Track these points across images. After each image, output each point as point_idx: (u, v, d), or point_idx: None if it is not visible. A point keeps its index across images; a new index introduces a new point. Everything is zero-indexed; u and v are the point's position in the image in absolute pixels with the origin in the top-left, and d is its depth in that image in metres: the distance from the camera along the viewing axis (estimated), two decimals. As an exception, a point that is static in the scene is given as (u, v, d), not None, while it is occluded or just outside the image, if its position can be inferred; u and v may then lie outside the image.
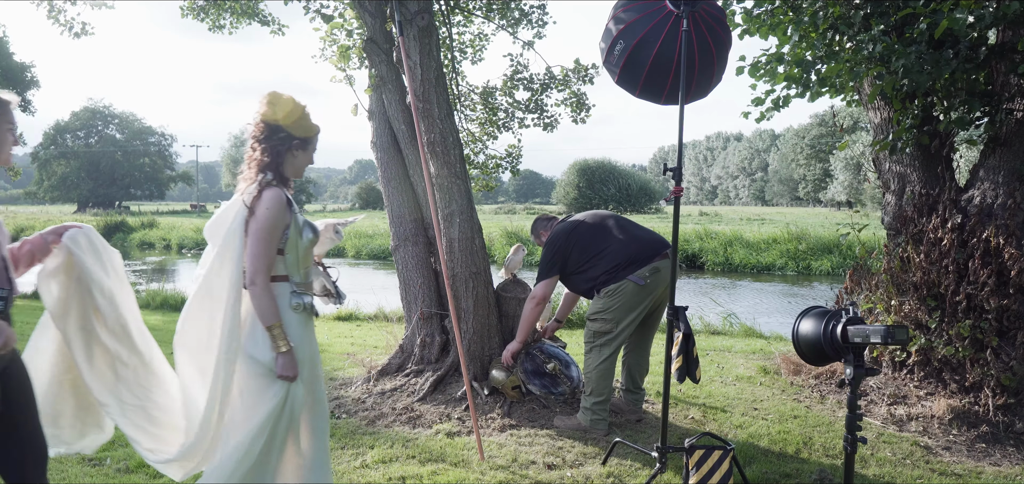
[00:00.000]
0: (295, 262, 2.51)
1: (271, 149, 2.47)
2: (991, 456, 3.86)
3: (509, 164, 8.14)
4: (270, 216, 2.37)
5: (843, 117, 36.70)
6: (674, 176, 3.42)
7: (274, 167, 2.47)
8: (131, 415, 2.49)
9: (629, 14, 3.33)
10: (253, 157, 2.49)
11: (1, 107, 2.17)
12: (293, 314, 2.46)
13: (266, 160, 2.47)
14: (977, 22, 3.82)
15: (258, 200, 2.40)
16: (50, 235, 2.45)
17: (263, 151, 2.47)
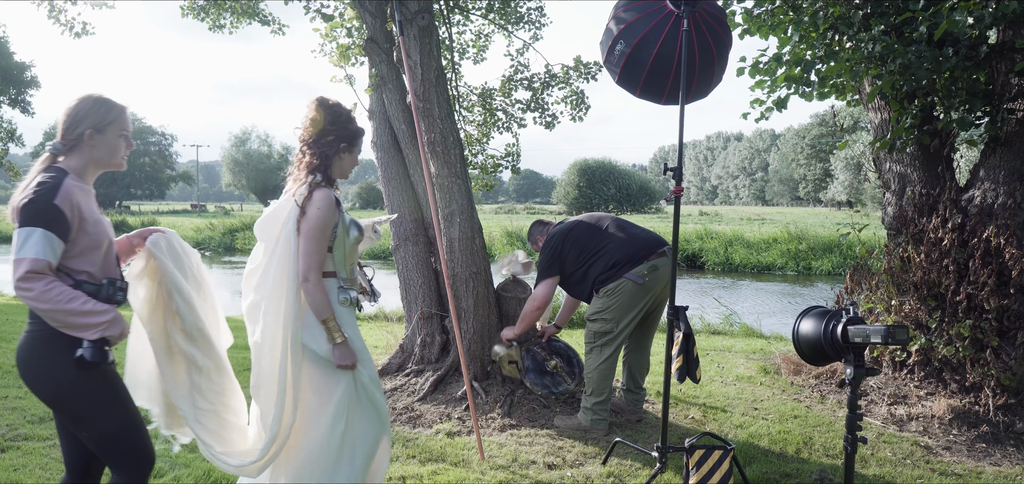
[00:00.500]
0: (342, 259, 2.63)
1: (320, 152, 2.58)
2: (991, 456, 3.85)
3: (508, 163, 8.15)
4: (321, 215, 2.48)
5: (843, 117, 36.69)
6: (674, 176, 3.42)
7: (323, 168, 2.58)
8: (204, 420, 2.52)
9: (629, 14, 3.33)
10: (303, 160, 2.59)
11: (117, 112, 2.22)
12: (342, 308, 2.58)
13: (315, 162, 2.58)
14: (977, 22, 3.81)
15: (309, 200, 2.50)
16: (136, 238, 2.51)
17: (312, 154, 2.58)
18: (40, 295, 1.98)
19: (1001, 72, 4.33)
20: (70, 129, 2.15)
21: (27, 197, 2.01)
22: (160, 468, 3.59)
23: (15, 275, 1.97)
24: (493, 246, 20.19)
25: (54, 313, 2.01)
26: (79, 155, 2.18)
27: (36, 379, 2.09)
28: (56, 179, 2.07)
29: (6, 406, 4.54)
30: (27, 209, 2.00)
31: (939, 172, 4.70)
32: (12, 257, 2.00)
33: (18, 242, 1.99)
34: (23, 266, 1.96)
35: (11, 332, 7.37)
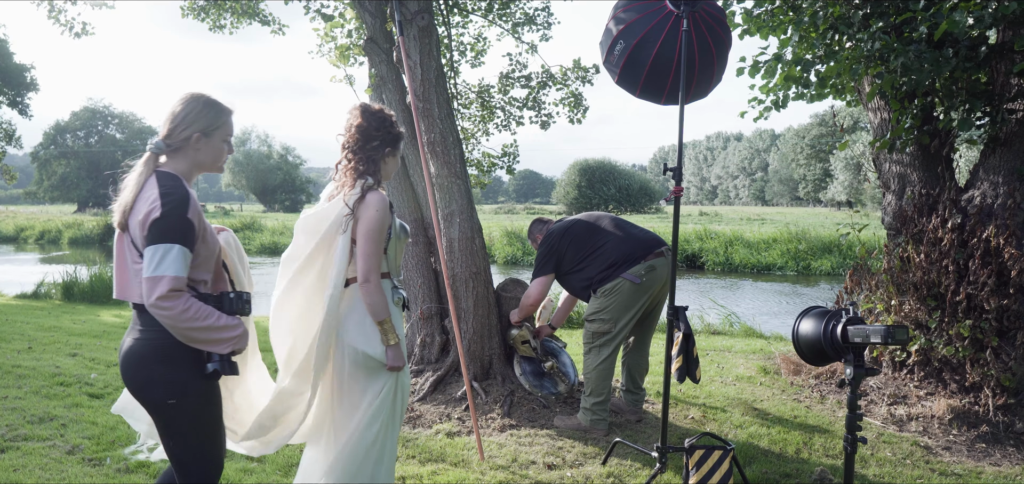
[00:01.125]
0: (393, 260, 2.71)
1: (366, 157, 2.64)
2: (991, 456, 3.85)
3: (505, 163, 8.15)
4: (379, 218, 2.53)
5: (843, 117, 36.69)
6: (674, 176, 3.42)
7: (373, 172, 2.63)
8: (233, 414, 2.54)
9: (629, 14, 3.33)
10: (350, 166, 2.63)
11: (225, 116, 2.21)
12: (394, 308, 2.65)
13: (362, 167, 2.62)
14: (977, 23, 3.81)
15: (362, 203, 2.54)
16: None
17: (358, 159, 2.63)
18: (180, 314, 1.97)
19: (1001, 72, 4.33)
20: (177, 130, 2.12)
21: (157, 211, 1.97)
22: (160, 469, 3.59)
23: (153, 293, 1.94)
24: (493, 246, 20.19)
25: (189, 330, 2.01)
26: (184, 157, 2.15)
27: (151, 386, 2.06)
28: (181, 190, 2.05)
29: (6, 406, 4.53)
30: (161, 224, 1.97)
31: (939, 172, 4.70)
32: (146, 274, 1.96)
33: (154, 259, 1.95)
34: (164, 285, 1.94)
35: (11, 332, 7.37)
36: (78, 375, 5.43)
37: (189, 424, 2.11)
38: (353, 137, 2.65)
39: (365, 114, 2.65)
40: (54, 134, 66.40)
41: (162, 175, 2.07)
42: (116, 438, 4.00)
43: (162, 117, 2.15)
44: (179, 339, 2.03)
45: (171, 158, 2.14)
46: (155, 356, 2.05)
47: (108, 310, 9.90)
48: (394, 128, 2.70)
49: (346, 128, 2.68)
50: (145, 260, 1.97)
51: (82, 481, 3.44)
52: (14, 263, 23.21)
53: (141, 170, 2.08)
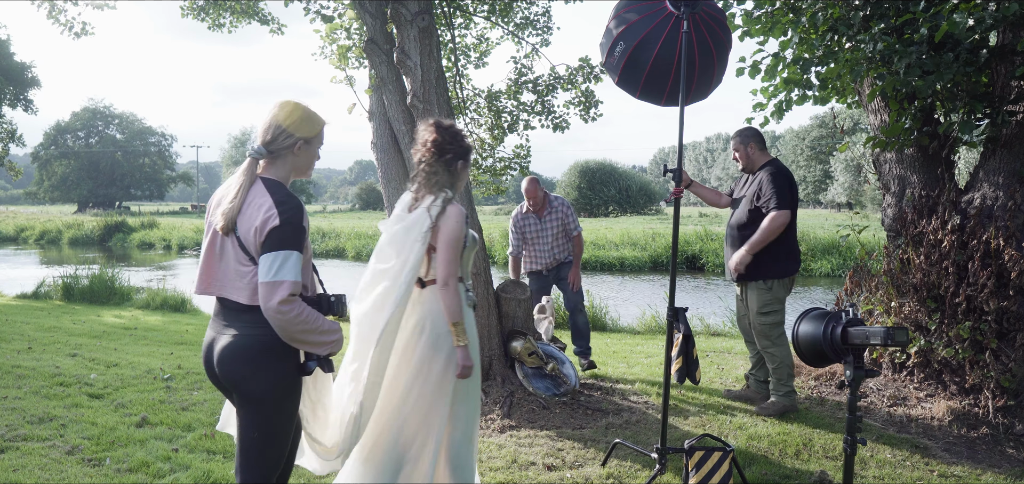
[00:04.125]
0: (465, 266, 2.91)
1: (444, 168, 2.81)
2: (991, 458, 3.85)
3: (518, 165, 8.11)
4: (458, 228, 2.73)
5: (843, 119, 36.67)
6: (674, 177, 3.42)
7: (450, 185, 2.82)
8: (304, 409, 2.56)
9: (630, 15, 3.33)
10: (427, 179, 2.81)
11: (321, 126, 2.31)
12: (467, 309, 2.83)
13: (442, 180, 2.80)
14: (977, 24, 3.81)
15: (443, 215, 2.72)
16: None
17: (434, 172, 2.80)
18: (295, 318, 2.07)
19: (1001, 74, 4.33)
20: (280, 137, 2.19)
21: (276, 219, 2.06)
22: (160, 469, 3.59)
23: (273, 298, 2.02)
24: (493, 247, 20.19)
25: (299, 333, 2.10)
26: (283, 163, 2.22)
27: (253, 379, 2.13)
28: (294, 199, 2.15)
29: (6, 406, 4.53)
30: (281, 233, 2.06)
31: (939, 174, 4.70)
32: (264, 279, 2.03)
33: (274, 265, 2.03)
34: (284, 289, 2.03)
35: (11, 332, 7.37)
36: (78, 375, 5.43)
37: (273, 419, 2.17)
38: (429, 151, 2.81)
39: (439, 129, 2.82)
40: (54, 134, 66.41)
41: (270, 183, 2.16)
42: (116, 438, 4.00)
43: (260, 124, 2.23)
44: (284, 340, 2.12)
45: (270, 164, 2.21)
46: (259, 354, 2.13)
47: (108, 310, 9.90)
48: (465, 141, 2.87)
49: (421, 143, 2.84)
50: (263, 266, 2.05)
51: (82, 481, 3.44)
52: (14, 263, 23.21)
53: (242, 177, 2.16)
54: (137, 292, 11.38)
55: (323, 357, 2.21)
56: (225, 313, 2.19)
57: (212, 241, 2.18)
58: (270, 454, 2.20)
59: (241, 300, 2.13)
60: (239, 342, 2.13)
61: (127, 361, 6.07)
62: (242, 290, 2.12)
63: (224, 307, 2.19)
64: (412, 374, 2.76)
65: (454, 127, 2.85)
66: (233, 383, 2.15)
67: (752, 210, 4.42)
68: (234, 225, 2.12)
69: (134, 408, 4.62)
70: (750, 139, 4.58)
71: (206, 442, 3.96)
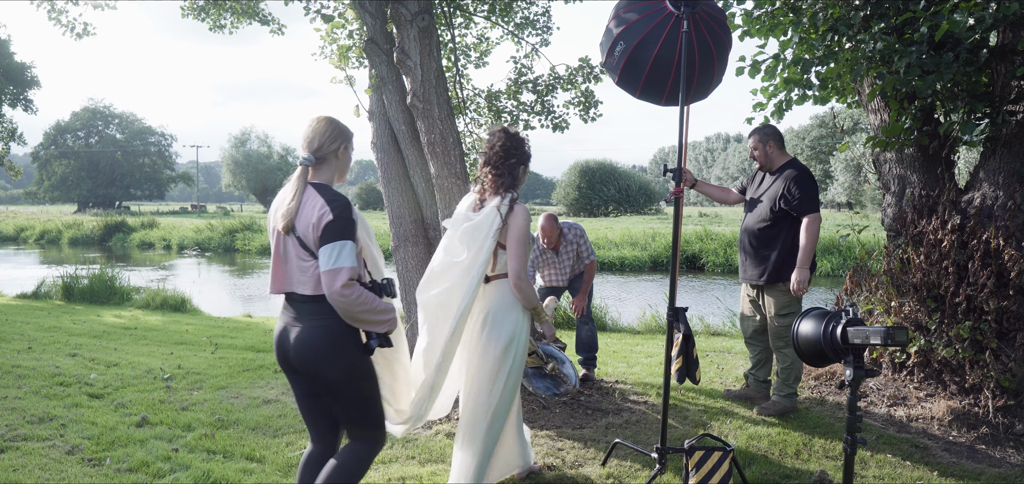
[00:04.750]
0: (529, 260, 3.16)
1: (509, 172, 3.07)
2: (991, 457, 3.85)
3: None
4: (526, 225, 3.00)
5: (843, 118, 36.65)
6: (674, 177, 3.42)
7: (514, 186, 3.08)
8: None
9: (630, 15, 3.33)
10: (492, 180, 3.08)
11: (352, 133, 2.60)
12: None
13: (507, 181, 3.07)
14: (977, 24, 3.81)
15: (512, 214, 2.99)
16: None
17: (500, 174, 3.07)
18: (355, 300, 2.34)
19: (1001, 74, 4.33)
20: (325, 145, 2.50)
21: (329, 215, 2.34)
22: (160, 469, 3.59)
23: (335, 283, 2.29)
24: (493, 247, 20.16)
25: (360, 313, 2.38)
26: (328, 168, 2.52)
27: (330, 363, 2.41)
28: (342, 195, 2.43)
29: (5, 406, 4.53)
30: (335, 226, 2.33)
31: (938, 173, 4.70)
32: (325, 268, 2.30)
33: (332, 255, 2.31)
34: (343, 275, 2.30)
35: (10, 332, 7.37)
36: (78, 375, 5.43)
37: (359, 391, 2.50)
38: (497, 154, 3.08)
39: (507, 135, 3.10)
40: (54, 134, 66.39)
41: (319, 186, 2.46)
42: (116, 438, 4.01)
43: (301, 137, 2.53)
44: (347, 322, 2.41)
45: (317, 170, 2.51)
46: (330, 340, 2.41)
47: (108, 310, 9.90)
48: (527, 147, 3.15)
49: (489, 147, 3.11)
50: (323, 257, 2.32)
51: (82, 481, 3.44)
52: (14, 263, 23.21)
53: (297, 182, 2.44)
54: (137, 292, 11.38)
55: (382, 335, 2.49)
56: (293, 307, 2.47)
57: (277, 245, 2.46)
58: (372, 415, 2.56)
59: (306, 292, 2.41)
60: (310, 334, 2.40)
61: (127, 361, 6.07)
62: (305, 283, 2.40)
63: (291, 301, 2.47)
64: (478, 360, 3.07)
65: (519, 135, 3.13)
66: (313, 373, 2.44)
67: (777, 212, 4.35)
68: (293, 225, 2.40)
69: (134, 408, 4.62)
70: (769, 137, 4.51)
71: (206, 442, 3.96)
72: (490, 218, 2.99)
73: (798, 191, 4.25)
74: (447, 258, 3.10)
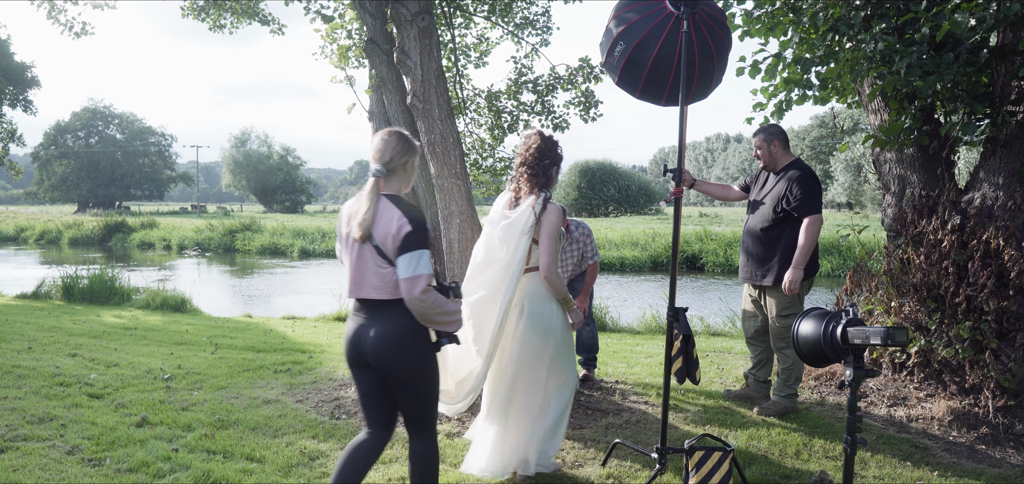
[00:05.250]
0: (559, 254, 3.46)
1: (543, 172, 3.31)
2: (991, 458, 3.85)
3: None
4: (558, 223, 3.26)
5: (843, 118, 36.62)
6: (674, 177, 3.42)
7: (547, 186, 3.32)
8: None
9: (629, 15, 3.33)
10: (527, 180, 3.32)
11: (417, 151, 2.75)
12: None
13: (541, 181, 3.31)
14: (978, 24, 3.81)
15: (545, 211, 3.24)
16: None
17: (535, 174, 3.31)
18: (433, 303, 2.55)
19: (1001, 74, 4.33)
20: (395, 158, 2.67)
21: (408, 226, 2.52)
22: (160, 469, 3.59)
23: (415, 289, 2.50)
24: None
25: (435, 315, 2.59)
26: (397, 179, 2.70)
27: (404, 358, 2.61)
28: (417, 208, 2.64)
29: (6, 406, 4.53)
30: (414, 236, 2.52)
31: (939, 174, 4.70)
32: (405, 275, 2.49)
33: (412, 263, 2.50)
34: (422, 282, 2.51)
35: (10, 332, 7.37)
36: (78, 375, 5.43)
37: (426, 385, 2.70)
38: (532, 155, 3.32)
39: (541, 138, 3.35)
40: (54, 134, 66.39)
41: (392, 197, 2.64)
42: (116, 438, 4.00)
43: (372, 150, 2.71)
44: (421, 323, 2.62)
45: (387, 182, 2.67)
46: (406, 338, 2.61)
47: (108, 310, 9.90)
48: (559, 149, 3.38)
49: (525, 148, 3.34)
50: (402, 265, 2.51)
51: (82, 481, 3.44)
52: (14, 263, 23.21)
53: (371, 194, 2.61)
54: (137, 292, 11.38)
55: (451, 334, 2.70)
56: (366, 309, 2.65)
57: (351, 252, 2.64)
58: (433, 410, 2.77)
59: (383, 297, 2.59)
60: (388, 334, 2.60)
61: (127, 361, 6.07)
62: (382, 288, 2.59)
63: (365, 304, 2.65)
64: (517, 348, 3.30)
65: (553, 138, 3.39)
66: (386, 368, 2.63)
67: (779, 213, 4.34)
68: (370, 234, 2.56)
69: (134, 408, 4.62)
70: (774, 137, 4.50)
71: (206, 442, 3.96)
72: (525, 216, 3.25)
73: (800, 192, 4.25)
74: (488, 254, 3.36)
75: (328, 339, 7.61)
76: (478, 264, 3.39)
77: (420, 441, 2.74)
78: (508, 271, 3.23)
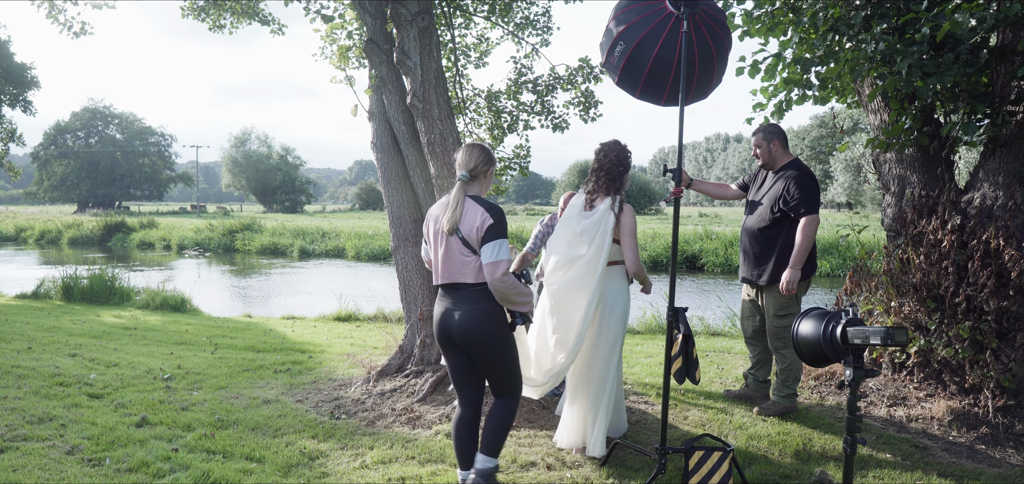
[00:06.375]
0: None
1: (617, 176, 3.74)
2: (991, 458, 3.85)
3: (517, 165, 8.06)
4: (634, 221, 3.68)
5: (843, 118, 36.66)
6: (674, 177, 3.43)
7: (620, 189, 3.74)
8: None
9: (629, 15, 3.33)
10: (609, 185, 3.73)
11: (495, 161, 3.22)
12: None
13: (615, 185, 3.73)
14: (979, 24, 3.81)
15: (623, 213, 3.65)
16: None
17: (611, 178, 3.73)
18: (513, 285, 3.02)
19: (1001, 74, 4.33)
20: (479, 166, 3.15)
21: (490, 220, 2.99)
22: (160, 469, 3.59)
23: (496, 273, 2.96)
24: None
25: (512, 296, 3.04)
26: (478, 183, 3.17)
27: (490, 335, 3.06)
28: (497, 205, 3.08)
29: (5, 407, 4.53)
30: (495, 228, 2.99)
31: (938, 174, 4.70)
32: (489, 260, 2.96)
33: (494, 250, 2.97)
34: (503, 266, 2.98)
35: (10, 332, 7.37)
36: (78, 375, 5.43)
37: (509, 358, 3.14)
38: (611, 162, 3.73)
39: (619, 147, 3.77)
40: (54, 134, 66.39)
41: (476, 198, 3.09)
42: (116, 438, 4.00)
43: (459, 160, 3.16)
44: (501, 304, 3.07)
45: (470, 184, 3.14)
46: (491, 318, 3.06)
47: (108, 310, 9.90)
48: (630, 156, 3.80)
49: (603, 155, 3.76)
50: (486, 252, 2.98)
51: (82, 481, 3.44)
52: (14, 263, 23.20)
53: (458, 194, 3.08)
54: (137, 292, 11.38)
55: (523, 315, 3.16)
56: (455, 293, 3.09)
57: (441, 244, 3.09)
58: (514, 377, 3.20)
59: (468, 280, 3.05)
60: (473, 314, 3.04)
61: (127, 361, 6.07)
62: (467, 274, 3.04)
63: (454, 289, 3.09)
64: (594, 335, 3.70)
65: (626, 146, 3.77)
66: (472, 343, 3.06)
67: (777, 213, 4.34)
68: (457, 228, 3.02)
69: (134, 408, 4.62)
70: (773, 136, 4.51)
71: (206, 442, 3.96)
72: (605, 217, 3.64)
73: (797, 191, 4.25)
74: (570, 251, 3.70)
75: (328, 339, 7.61)
76: (560, 260, 3.72)
77: (504, 400, 3.18)
78: (593, 267, 3.60)
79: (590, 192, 3.78)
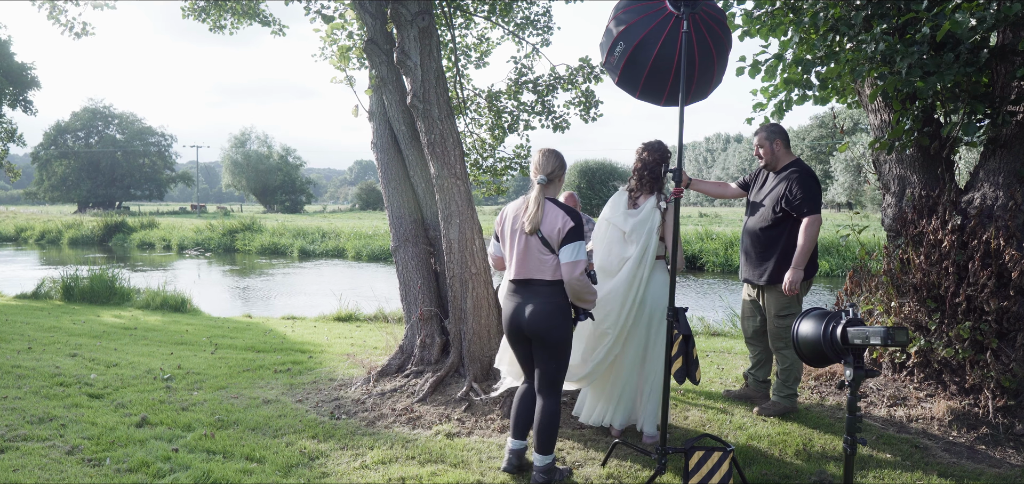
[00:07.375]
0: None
1: (658, 175, 3.94)
2: (991, 458, 3.85)
3: (518, 165, 8.06)
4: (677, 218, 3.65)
5: (843, 119, 36.65)
6: (674, 177, 3.43)
7: (661, 187, 3.94)
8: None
9: (629, 15, 3.33)
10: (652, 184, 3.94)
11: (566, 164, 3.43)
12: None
13: (659, 183, 3.94)
14: (979, 24, 3.81)
15: (667, 211, 3.83)
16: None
17: (654, 177, 3.93)
18: (587, 283, 3.29)
19: (1001, 74, 4.33)
20: (555, 170, 3.39)
21: (570, 223, 3.24)
22: (160, 469, 3.59)
23: (575, 272, 3.21)
24: (493, 247, 20.15)
25: (585, 294, 3.30)
26: (553, 186, 3.42)
27: (556, 328, 3.30)
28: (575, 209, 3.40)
29: (6, 407, 4.53)
30: (575, 230, 3.24)
31: (939, 174, 4.70)
32: (568, 260, 3.21)
33: (574, 251, 3.21)
34: (581, 265, 3.23)
35: (10, 332, 7.37)
36: (78, 375, 5.43)
37: (564, 355, 3.38)
38: (653, 159, 3.94)
39: (662, 147, 3.98)
40: (54, 134, 66.42)
41: (555, 201, 3.35)
42: (116, 438, 4.00)
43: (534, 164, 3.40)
44: (572, 300, 3.33)
45: (546, 187, 3.35)
46: (560, 312, 3.31)
47: (108, 310, 9.90)
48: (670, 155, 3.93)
49: (648, 154, 3.96)
50: (566, 252, 3.23)
51: (82, 481, 3.44)
52: (14, 263, 23.21)
53: (538, 197, 3.31)
54: (137, 292, 11.38)
55: (588, 312, 3.41)
56: (528, 288, 3.35)
57: (518, 243, 3.34)
58: (562, 376, 3.42)
59: (545, 278, 3.30)
60: (544, 309, 3.29)
61: (127, 361, 6.07)
62: (544, 271, 3.29)
63: (528, 285, 3.34)
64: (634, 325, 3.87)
65: (667, 146, 3.95)
66: (540, 334, 3.31)
67: (778, 213, 4.34)
68: (537, 228, 3.26)
69: (134, 408, 4.62)
70: (776, 136, 4.50)
71: (206, 442, 3.96)
72: (652, 214, 3.85)
73: (799, 191, 4.25)
74: (621, 252, 3.90)
75: (328, 339, 7.61)
76: (614, 260, 3.91)
77: (549, 401, 3.37)
78: (640, 265, 3.82)
79: (633, 190, 3.97)
